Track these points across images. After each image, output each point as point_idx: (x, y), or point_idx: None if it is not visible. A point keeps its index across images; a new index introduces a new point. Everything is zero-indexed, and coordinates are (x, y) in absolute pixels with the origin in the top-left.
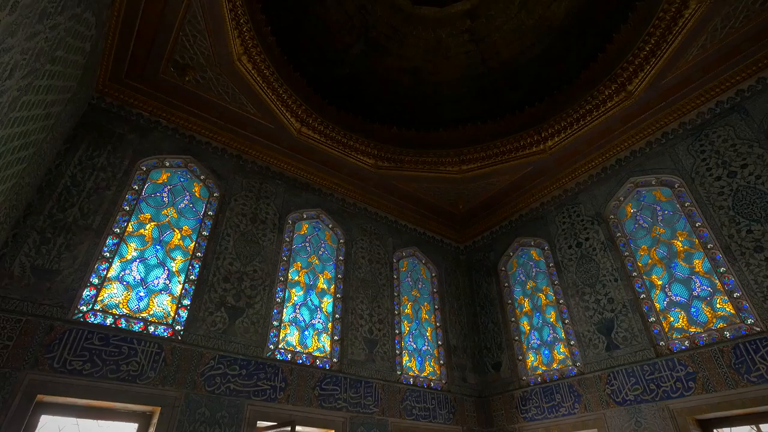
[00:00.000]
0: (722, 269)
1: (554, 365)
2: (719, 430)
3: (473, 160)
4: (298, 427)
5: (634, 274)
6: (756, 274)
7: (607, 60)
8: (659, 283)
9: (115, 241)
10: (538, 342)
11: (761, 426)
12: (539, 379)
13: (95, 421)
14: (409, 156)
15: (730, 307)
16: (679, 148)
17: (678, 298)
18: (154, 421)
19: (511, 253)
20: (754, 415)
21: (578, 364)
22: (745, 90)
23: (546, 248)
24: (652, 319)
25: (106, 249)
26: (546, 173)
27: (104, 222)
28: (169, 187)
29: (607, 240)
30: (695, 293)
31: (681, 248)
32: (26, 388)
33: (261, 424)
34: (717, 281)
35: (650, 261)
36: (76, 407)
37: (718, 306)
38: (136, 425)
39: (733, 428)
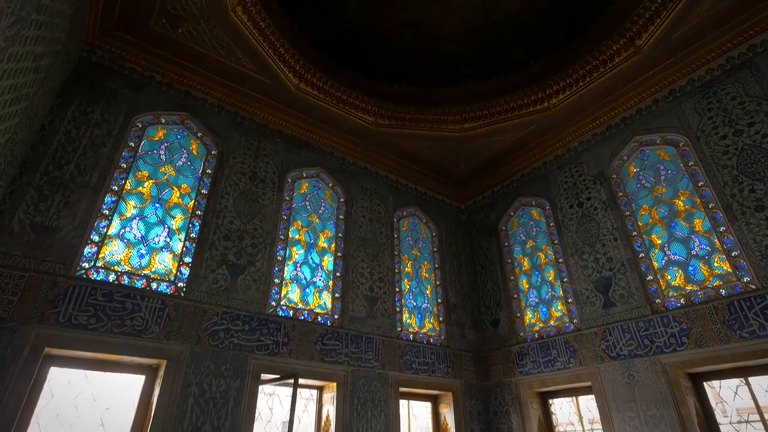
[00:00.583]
0: (722, 228)
1: (551, 322)
2: (708, 382)
3: (476, 118)
4: (300, 380)
5: (634, 233)
6: (755, 233)
7: (615, 14)
8: (658, 242)
9: (113, 198)
10: (537, 300)
11: (749, 379)
12: (536, 336)
13: (103, 373)
14: (410, 114)
15: (728, 265)
16: (686, 106)
17: (676, 257)
18: (161, 373)
19: (512, 213)
20: (743, 369)
21: (575, 321)
22: (758, 45)
23: (547, 208)
24: (650, 277)
25: (104, 207)
26: (549, 132)
27: (102, 179)
28: (166, 144)
29: (608, 200)
30: (694, 252)
31: (682, 208)
32: (34, 341)
33: (265, 376)
34: (716, 240)
35: (651, 221)
36: (83, 360)
37: (715, 265)
38: (143, 377)
39: (722, 381)
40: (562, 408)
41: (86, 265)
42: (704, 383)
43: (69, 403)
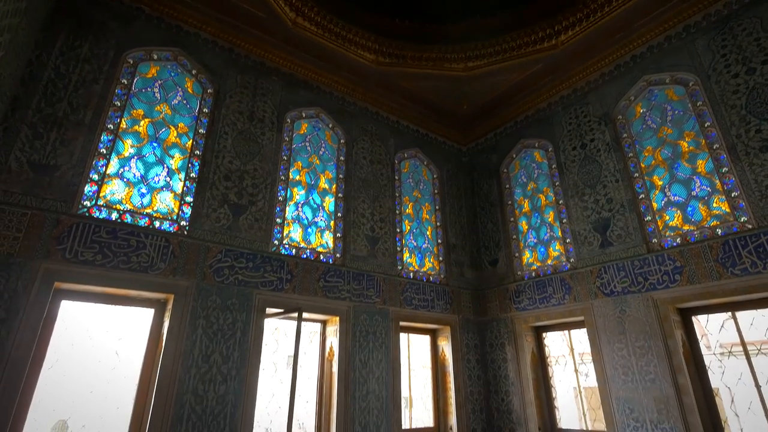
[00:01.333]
0: (724, 169)
1: (548, 261)
2: (696, 317)
3: (480, 57)
4: (304, 314)
5: (636, 174)
6: (757, 173)
7: None
8: (660, 183)
9: (110, 137)
10: (535, 240)
11: (736, 313)
12: (533, 274)
13: (114, 306)
14: (412, 51)
15: (726, 206)
16: (699, 42)
17: (676, 198)
18: (169, 307)
19: (514, 155)
20: (731, 304)
21: (572, 260)
22: None
23: (549, 150)
24: (648, 218)
25: (101, 145)
26: (556, 71)
27: (96, 117)
28: (159, 81)
29: (612, 141)
30: (694, 193)
31: (686, 149)
32: (43, 276)
33: (270, 310)
34: (717, 181)
35: (653, 162)
36: (93, 294)
37: (714, 205)
38: (152, 311)
39: (710, 315)
40: (554, 341)
41: (88, 203)
42: (692, 317)
43: (83, 334)
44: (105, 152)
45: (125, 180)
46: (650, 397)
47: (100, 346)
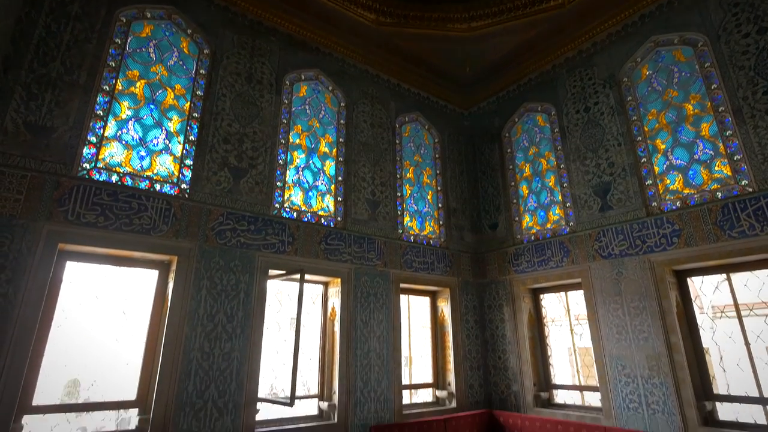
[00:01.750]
0: (728, 132)
1: (548, 225)
2: (692, 278)
3: (484, 16)
4: (306, 275)
5: (639, 138)
6: (761, 137)
7: None
8: (662, 147)
9: (106, 99)
10: (535, 205)
11: (731, 275)
12: (532, 238)
13: (118, 268)
14: (414, 11)
15: (728, 169)
16: (710, 1)
17: (678, 162)
18: (173, 268)
19: (516, 119)
20: (727, 266)
21: (571, 223)
22: None
23: (552, 113)
24: (649, 182)
25: (98, 107)
26: (562, 32)
27: (91, 78)
28: (154, 41)
29: (616, 104)
30: (696, 157)
31: (691, 112)
32: (46, 237)
33: (272, 272)
34: (720, 144)
35: (657, 125)
36: (97, 255)
37: (716, 169)
38: (156, 272)
39: (705, 277)
40: (551, 304)
41: (87, 166)
42: (687, 279)
43: (89, 295)
44: (102, 114)
45: (124, 142)
46: (642, 354)
47: (106, 305)
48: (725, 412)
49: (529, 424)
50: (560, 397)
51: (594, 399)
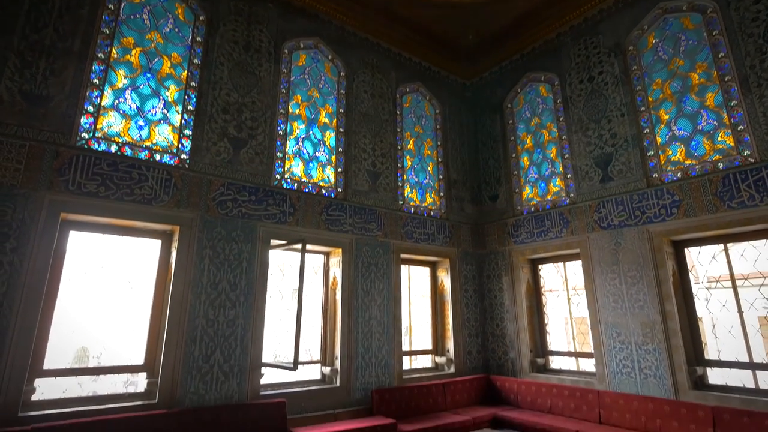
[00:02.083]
0: (733, 102)
1: (548, 197)
2: (689, 249)
3: None
4: (308, 246)
5: (642, 108)
6: (767, 106)
7: None
8: (666, 117)
9: (101, 67)
10: (536, 176)
11: (728, 245)
12: (532, 209)
13: (121, 237)
14: None
15: (731, 140)
16: None
17: (681, 132)
18: (175, 238)
19: (519, 90)
20: (725, 236)
21: (571, 195)
22: None
23: (555, 84)
24: (651, 153)
25: (93, 75)
26: None
27: (85, 46)
28: (148, 7)
29: (621, 73)
30: (699, 127)
31: (697, 81)
32: (48, 207)
33: (274, 242)
34: (725, 115)
35: (662, 95)
36: (100, 225)
37: (719, 140)
38: (159, 242)
39: (702, 247)
40: (549, 275)
41: (85, 135)
42: (685, 249)
43: (94, 264)
44: (98, 83)
45: (121, 112)
46: (637, 322)
47: (111, 274)
48: (715, 377)
49: (525, 387)
50: (556, 363)
51: (588, 365)
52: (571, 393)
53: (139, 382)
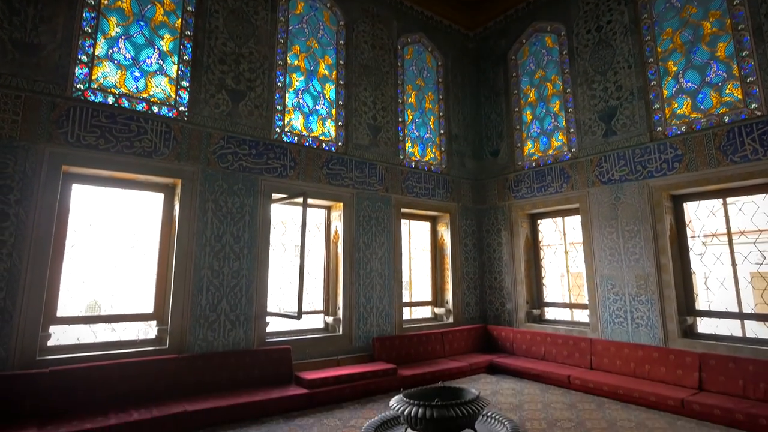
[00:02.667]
0: (745, 53)
1: (550, 151)
2: (688, 204)
3: None
4: (309, 199)
5: (651, 60)
6: None
7: None
8: (674, 69)
9: (92, 14)
10: (538, 131)
11: (727, 200)
12: (533, 164)
13: (124, 190)
14: None
15: (739, 92)
16: None
17: (689, 84)
18: (178, 191)
19: (524, 41)
20: (725, 191)
21: (573, 149)
22: None
23: (562, 34)
24: (656, 106)
25: (85, 23)
26: None
27: None
28: None
29: (630, 22)
30: (708, 79)
31: (709, 30)
32: (49, 159)
33: (276, 196)
34: (735, 66)
35: (671, 46)
36: (102, 178)
37: (726, 92)
38: (162, 195)
39: (701, 202)
40: (548, 230)
41: (81, 86)
42: (684, 204)
43: (99, 217)
44: (90, 31)
45: (116, 62)
46: (632, 274)
47: (117, 228)
48: (705, 327)
49: (520, 336)
50: (551, 314)
51: (583, 316)
52: (564, 341)
53: (150, 331)
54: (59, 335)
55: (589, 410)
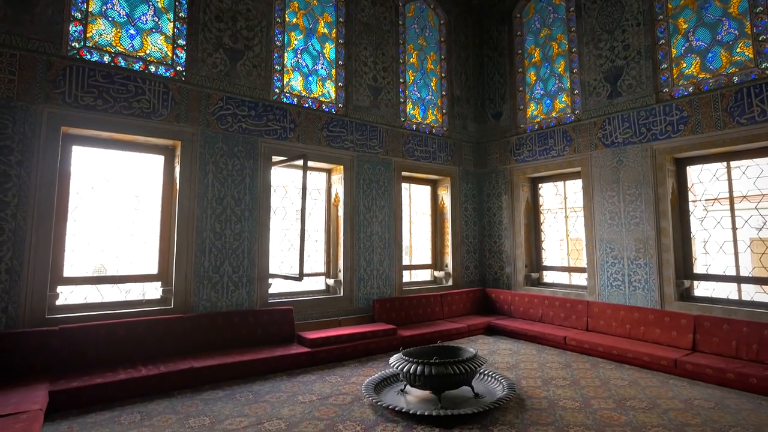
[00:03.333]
0: (759, 9)
1: (553, 114)
2: (691, 167)
3: None
4: (309, 162)
5: (660, 17)
6: None
7: None
8: (684, 27)
9: None
10: (542, 92)
11: (732, 163)
12: (536, 127)
13: (125, 152)
14: None
15: (750, 51)
16: None
17: (698, 43)
18: (178, 153)
19: None
20: (729, 154)
21: (577, 111)
22: None
23: None
24: (664, 66)
25: None
26: None
27: None
28: None
29: None
30: (719, 38)
31: None
32: (48, 120)
33: (276, 158)
34: (748, 23)
35: (682, 2)
36: (102, 140)
37: (737, 51)
38: (162, 157)
39: (705, 165)
40: (548, 194)
41: (76, 45)
42: (687, 167)
43: (101, 179)
44: None
45: (110, 19)
46: (632, 238)
47: (118, 189)
48: (702, 290)
49: (519, 299)
50: (549, 278)
51: (581, 280)
52: (561, 304)
53: (155, 293)
54: (66, 295)
55: (584, 369)
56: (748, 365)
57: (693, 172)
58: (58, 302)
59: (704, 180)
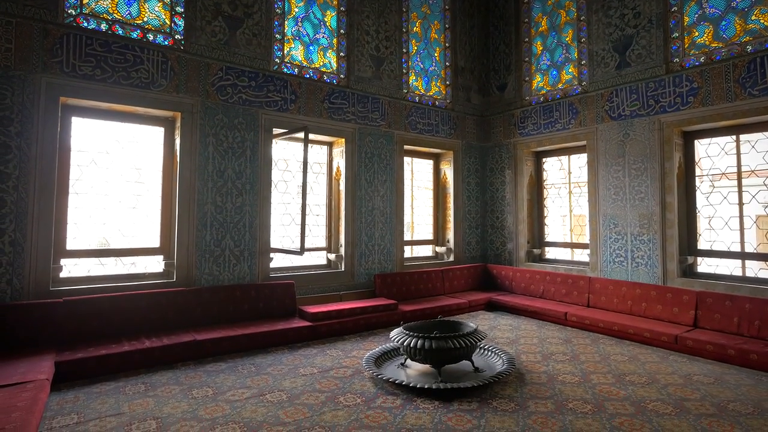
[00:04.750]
0: None
1: (559, 85)
2: (699, 141)
3: None
4: (310, 135)
5: None
6: None
7: None
8: None
9: None
10: (548, 63)
11: (741, 136)
12: (541, 99)
13: (124, 124)
14: None
15: (766, 18)
16: None
17: (712, 11)
18: (178, 125)
19: None
20: (738, 127)
21: (584, 83)
22: None
23: None
24: (675, 35)
25: None
26: None
27: None
28: None
29: None
30: (734, 4)
31: None
32: (46, 90)
33: (277, 130)
34: None
35: None
36: (101, 111)
37: (752, 18)
38: (162, 129)
39: (714, 138)
40: (552, 169)
41: (72, 12)
42: (695, 141)
43: (101, 151)
44: None
45: None
46: (636, 213)
47: (119, 162)
48: (706, 267)
49: (520, 275)
50: (551, 254)
51: (583, 256)
52: (563, 280)
53: (158, 266)
54: (70, 268)
55: (584, 345)
56: (749, 341)
57: (701, 146)
58: (62, 275)
59: (712, 154)
